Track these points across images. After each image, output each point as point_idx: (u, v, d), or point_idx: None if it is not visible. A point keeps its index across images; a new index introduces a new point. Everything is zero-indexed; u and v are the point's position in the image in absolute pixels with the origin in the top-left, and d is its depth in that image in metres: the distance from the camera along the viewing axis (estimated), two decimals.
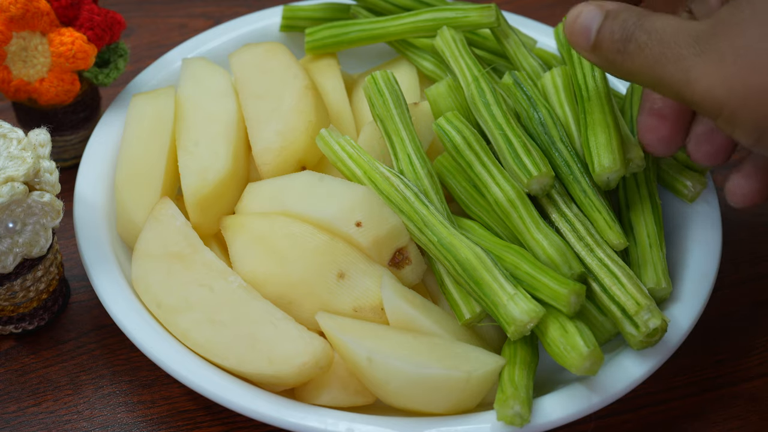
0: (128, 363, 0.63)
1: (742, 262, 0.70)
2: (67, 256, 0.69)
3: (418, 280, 0.61)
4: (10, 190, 0.55)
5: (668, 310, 0.60)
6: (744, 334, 0.66)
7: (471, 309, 0.58)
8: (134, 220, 0.63)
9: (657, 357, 0.57)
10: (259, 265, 0.60)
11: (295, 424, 0.54)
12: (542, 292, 0.56)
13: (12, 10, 0.66)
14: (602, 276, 0.58)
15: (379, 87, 0.64)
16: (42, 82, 0.69)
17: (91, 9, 0.68)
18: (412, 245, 0.60)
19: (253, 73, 0.68)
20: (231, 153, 0.64)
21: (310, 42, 0.73)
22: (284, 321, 0.57)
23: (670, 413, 0.62)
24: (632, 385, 0.56)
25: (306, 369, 0.55)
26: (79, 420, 0.61)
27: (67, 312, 0.66)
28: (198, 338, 0.57)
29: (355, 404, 0.57)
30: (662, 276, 0.60)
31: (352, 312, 0.58)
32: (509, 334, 0.55)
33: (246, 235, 0.61)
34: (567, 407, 0.55)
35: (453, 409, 0.56)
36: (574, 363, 0.53)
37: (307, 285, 0.59)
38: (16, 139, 0.58)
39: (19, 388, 0.62)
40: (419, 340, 0.56)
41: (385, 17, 0.72)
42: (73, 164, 0.74)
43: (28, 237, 0.58)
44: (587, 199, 0.60)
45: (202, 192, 0.63)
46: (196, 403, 0.61)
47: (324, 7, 0.77)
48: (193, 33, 0.82)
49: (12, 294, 0.61)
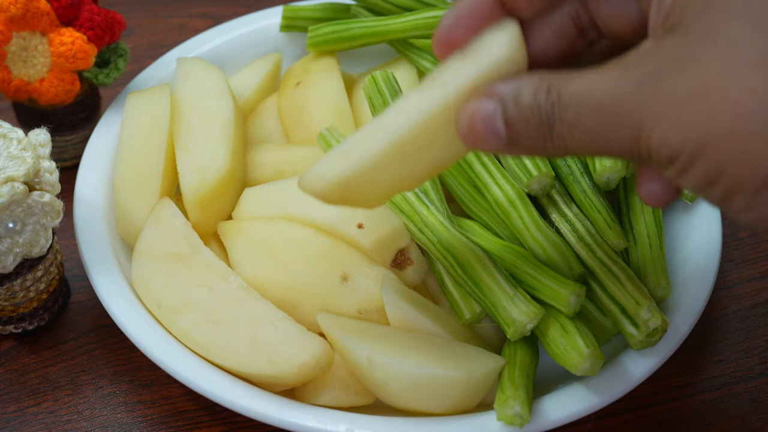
0: (128, 363, 0.63)
1: (742, 262, 0.70)
2: (67, 256, 0.69)
3: (419, 280, 0.61)
4: (10, 190, 0.55)
5: (668, 310, 0.60)
6: (744, 334, 0.66)
7: (471, 309, 0.58)
8: (134, 220, 0.63)
9: (657, 357, 0.57)
10: (261, 269, 0.60)
11: (295, 424, 0.54)
12: (542, 293, 0.56)
13: (12, 10, 0.66)
14: (602, 276, 0.58)
15: (379, 87, 0.64)
16: (42, 82, 0.69)
17: (91, 9, 0.68)
18: (414, 246, 0.60)
19: None
20: (230, 152, 0.64)
21: (312, 38, 0.73)
22: (284, 321, 0.57)
23: (670, 413, 0.62)
24: (632, 385, 0.56)
25: (306, 369, 0.55)
26: (79, 420, 0.61)
27: (67, 312, 0.66)
28: (198, 338, 0.57)
29: (355, 404, 0.57)
30: (662, 276, 0.60)
31: (357, 314, 0.58)
32: (509, 335, 0.55)
33: (246, 240, 0.61)
34: (567, 407, 0.55)
35: (453, 409, 0.56)
36: (574, 363, 0.53)
37: (310, 288, 0.59)
38: (16, 139, 0.58)
39: (19, 388, 0.62)
40: (419, 340, 0.56)
41: (386, 16, 0.73)
42: (73, 164, 0.74)
43: (28, 237, 0.58)
44: (587, 199, 0.60)
45: (202, 191, 0.63)
46: (196, 403, 0.61)
47: (324, 7, 0.77)
48: (192, 33, 0.82)
49: (12, 294, 0.61)
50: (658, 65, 0.41)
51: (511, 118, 0.44)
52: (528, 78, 0.44)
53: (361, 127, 0.47)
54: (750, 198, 0.40)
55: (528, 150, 0.45)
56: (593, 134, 0.42)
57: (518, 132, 0.44)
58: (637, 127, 0.41)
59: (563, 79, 0.43)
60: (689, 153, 0.40)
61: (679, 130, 0.40)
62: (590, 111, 0.42)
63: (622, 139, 0.41)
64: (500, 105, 0.44)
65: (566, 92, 0.43)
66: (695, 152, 0.40)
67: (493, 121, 0.44)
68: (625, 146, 0.42)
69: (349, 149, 0.48)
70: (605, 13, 0.48)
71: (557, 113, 0.43)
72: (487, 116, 0.44)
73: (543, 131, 0.44)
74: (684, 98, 0.39)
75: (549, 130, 0.43)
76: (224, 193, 0.64)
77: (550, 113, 0.43)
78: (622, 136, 0.41)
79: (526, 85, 0.44)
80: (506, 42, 0.46)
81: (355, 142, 0.48)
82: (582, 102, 0.42)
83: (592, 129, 0.42)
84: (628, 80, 0.41)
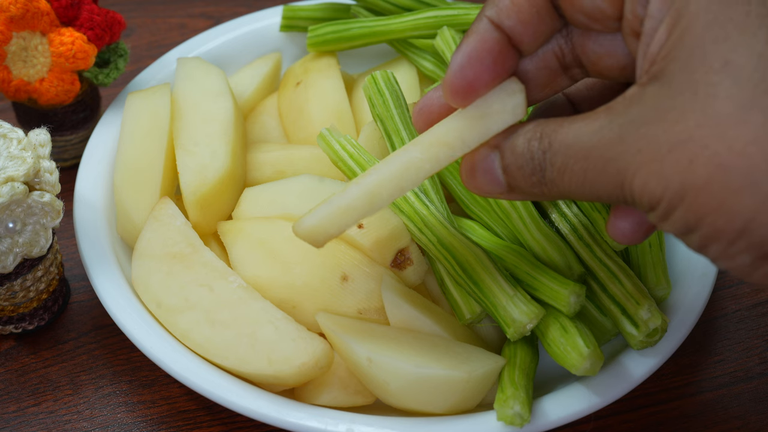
0: (128, 363, 0.63)
1: None
2: (67, 256, 0.69)
3: (420, 280, 0.61)
4: (10, 190, 0.55)
5: (668, 310, 0.60)
6: (744, 334, 0.66)
7: (471, 309, 0.58)
8: (134, 220, 0.63)
9: (657, 357, 0.57)
10: (261, 270, 0.60)
11: (295, 424, 0.54)
12: (542, 292, 0.56)
13: (12, 10, 0.66)
14: (602, 276, 0.58)
15: (379, 87, 0.64)
16: (42, 82, 0.69)
17: (91, 9, 0.68)
18: (413, 246, 0.60)
19: None
20: (229, 152, 0.64)
21: (312, 38, 0.73)
22: (284, 321, 0.57)
23: (670, 413, 0.62)
24: (632, 385, 0.56)
25: (306, 369, 0.55)
26: (79, 420, 0.61)
27: (67, 312, 0.66)
28: (198, 338, 0.57)
29: (355, 404, 0.57)
30: (662, 276, 0.60)
31: (357, 314, 0.58)
32: (508, 335, 0.55)
33: (246, 239, 0.61)
34: (567, 407, 0.55)
35: (453, 409, 0.56)
36: (574, 363, 0.53)
37: (310, 289, 0.59)
38: (16, 139, 0.58)
39: (19, 388, 0.62)
40: (419, 340, 0.56)
41: (387, 16, 0.73)
42: (73, 164, 0.74)
43: (28, 237, 0.58)
44: None
45: (202, 190, 0.63)
46: (196, 403, 0.61)
47: (324, 7, 0.77)
48: (192, 33, 0.82)
49: (12, 294, 0.61)
50: (641, 113, 0.42)
51: (508, 165, 0.47)
52: (523, 126, 0.46)
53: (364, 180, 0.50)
54: (725, 248, 0.41)
55: (528, 194, 0.47)
56: (581, 180, 0.44)
57: (515, 178, 0.47)
58: (620, 173, 0.42)
59: (555, 126, 0.45)
60: (668, 201, 0.41)
61: (659, 178, 0.41)
62: (577, 158, 0.44)
63: (607, 184, 0.43)
64: (498, 153, 0.47)
65: (556, 140, 0.44)
66: (674, 200, 0.41)
67: (492, 169, 0.47)
68: (611, 191, 0.43)
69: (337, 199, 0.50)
70: (593, 51, 0.48)
71: (548, 159, 0.45)
72: (486, 164, 0.47)
73: (537, 177, 0.46)
74: (664, 147, 0.40)
75: (542, 175, 0.45)
76: (224, 193, 0.64)
77: (542, 160, 0.45)
78: (607, 182, 0.43)
79: (521, 133, 0.46)
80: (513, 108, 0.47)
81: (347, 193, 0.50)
82: (569, 148, 0.44)
83: (580, 175, 0.44)
84: (612, 128, 0.43)
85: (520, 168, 0.46)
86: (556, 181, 0.45)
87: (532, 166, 0.45)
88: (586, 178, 0.43)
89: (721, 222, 0.40)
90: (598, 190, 0.43)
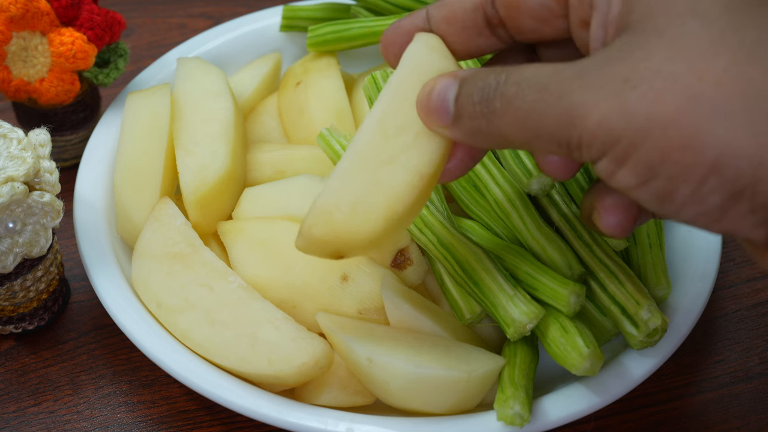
0: (128, 363, 0.63)
1: (742, 262, 0.70)
2: (67, 256, 0.69)
3: (420, 280, 0.61)
4: (10, 190, 0.55)
5: (668, 310, 0.60)
6: (744, 334, 0.66)
7: (471, 309, 0.58)
8: (134, 220, 0.63)
9: (657, 357, 0.57)
10: (261, 269, 0.60)
11: (295, 424, 0.54)
12: (542, 292, 0.56)
13: (12, 10, 0.66)
14: (602, 276, 0.58)
15: (379, 87, 0.64)
16: (42, 82, 0.69)
17: (91, 9, 0.68)
18: (414, 246, 0.60)
19: None
20: (230, 152, 0.64)
21: (312, 38, 0.73)
22: (284, 321, 0.57)
23: (670, 413, 0.62)
24: (632, 385, 0.56)
25: (306, 369, 0.55)
26: (79, 420, 0.61)
27: (67, 312, 0.66)
28: (198, 338, 0.57)
29: (355, 404, 0.57)
30: (662, 276, 0.60)
31: (357, 314, 0.58)
32: (508, 335, 0.55)
33: (246, 240, 0.61)
34: (567, 407, 0.55)
35: (453, 409, 0.56)
36: (574, 363, 0.53)
37: (310, 289, 0.59)
38: (16, 139, 0.58)
39: (19, 388, 0.62)
40: (419, 340, 0.56)
41: (386, 16, 0.73)
42: (73, 164, 0.74)
43: (28, 237, 0.58)
44: None
45: (202, 190, 0.63)
46: (196, 403, 0.61)
47: (324, 7, 0.77)
48: (192, 33, 0.82)
49: (12, 294, 0.61)
50: (605, 54, 0.40)
51: (460, 94, 0.45)
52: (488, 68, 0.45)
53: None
54: (695, 188, 0.38)
55: (467, 129, 0.45)
56: (526, 113, 0.41)
57: (463, 106, 0.44)
58: (574, 108, 0.40)
59: (515, 67, 0.43)
60: (630, 138, 0.38)
61: (621, 113, 0.38)
62: (531, 89, 0.41)
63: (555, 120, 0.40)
64: (457, 83, 0.45)
65: (513, 72, 0.43)
66: (637, 137, 0.38)
67: (446, 96, 0.45)
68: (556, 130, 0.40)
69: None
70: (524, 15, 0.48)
71: (500, 89, 0.43)
72: (442, 90, 0.45)
73: (482, 106, 0.43)
74: (630, 82, 0.38)
75: (487, 105, 0.43)
76: (224, 193, 0.64)
77: (494, 88, 0.43)
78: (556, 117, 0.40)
79: (485, 70, 0.44)
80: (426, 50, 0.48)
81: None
82: (526, 80, 0.42)
83: (527, 108, 0.41)
84: (574, 67, 0.41)
85: (470, 96, 0.44)
86: (499, 113, 0.42)
87: (481, 95, 0.43)
88: (531, 111, 0.41)
89: (690, 157, 0.38)
90: (541, 128, 0.41)
